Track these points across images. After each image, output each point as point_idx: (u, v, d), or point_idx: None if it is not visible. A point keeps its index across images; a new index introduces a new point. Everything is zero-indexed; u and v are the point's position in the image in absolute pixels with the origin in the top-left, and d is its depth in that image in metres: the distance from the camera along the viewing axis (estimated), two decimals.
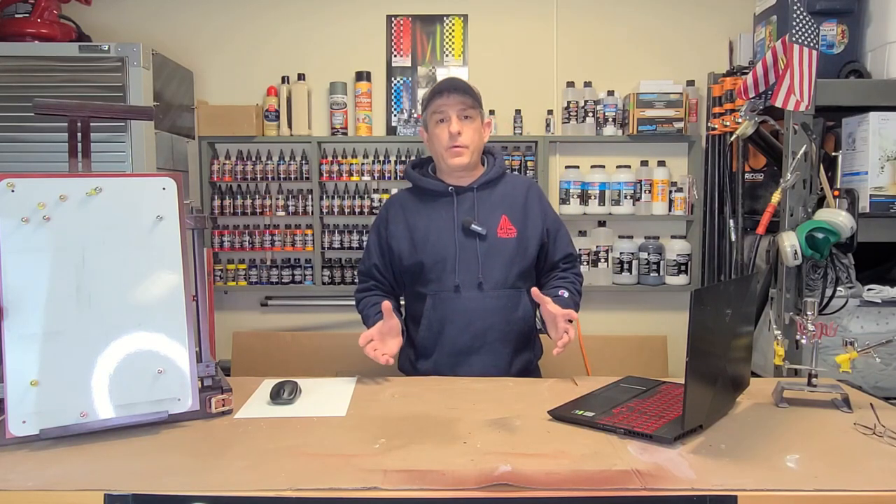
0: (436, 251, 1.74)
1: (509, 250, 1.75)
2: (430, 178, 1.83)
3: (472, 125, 1.74)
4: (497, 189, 1.81)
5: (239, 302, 3.33)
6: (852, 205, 1.89)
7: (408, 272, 1.79)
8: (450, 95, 1.73)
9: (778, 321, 1.98)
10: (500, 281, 1.73)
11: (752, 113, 2.02)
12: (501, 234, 1.75)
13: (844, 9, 2.16)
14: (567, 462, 1.06)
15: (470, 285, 1.72)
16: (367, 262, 1.86)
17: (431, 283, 1.75)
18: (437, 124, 1.75)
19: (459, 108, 1.73)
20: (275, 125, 3.16)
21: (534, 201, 1.81)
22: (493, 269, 1.73)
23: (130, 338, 1.24)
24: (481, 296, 1.72)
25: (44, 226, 1.20)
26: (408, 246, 1.77)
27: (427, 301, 1.75)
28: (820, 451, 1.12)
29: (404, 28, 3.26)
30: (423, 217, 1.79)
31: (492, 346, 1.73)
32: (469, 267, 1.72)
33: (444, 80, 1.77)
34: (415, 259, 1.76)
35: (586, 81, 3.20)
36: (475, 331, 1.72)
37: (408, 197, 1.85)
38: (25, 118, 2.50)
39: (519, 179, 1.89)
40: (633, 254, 3.15)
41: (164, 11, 3.23)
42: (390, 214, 1.83)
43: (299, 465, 1.05)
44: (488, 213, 1.76)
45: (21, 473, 1.03)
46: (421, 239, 1.76)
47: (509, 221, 1.76)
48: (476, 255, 1.73)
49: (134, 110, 2.07)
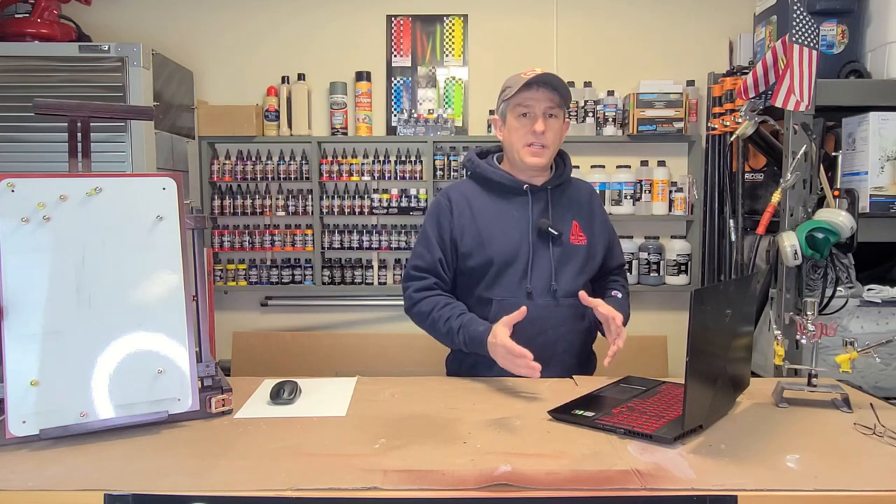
0: (507, 252, 1.62)
1: (580, 257, 1.66)
2: (502, 171, 1.70)
3: (555, 124, 1.63)
4: (567, 193, 1.72)
5: (239, 302, 3.33)
6: (852, 205, 1.89)
7: (471, 273, 1.66)
8: (539, 90, 1.60)
9: (778, 321, 1.98)
10: (572, 289, 1.62)
11: (752, 113, 2.02)
12: (574, 240, 1.67)
13: (844, 9, 2.16)
14: (567, 462, 1.06)
15: (543, 292, 1.62)
16: (427, 257, 1.66)
17: (499, 287, 1.62)
18: (520, 118, 1.62)
19: (547, 105, 1.61)
20: (275, 125, 3.16)
21: (598, 208, 1.75)
22: (565, 275, 1.64)
23: (130, 338, 1.23)
24: (555, 304, 1.62)
25: (44, 226, 1.20)
26: (475, 243, 1.64)
27: (493, 306, 1.61)
28: (820, 451, 1.11)
29: (404, 28, 3.26)
30: (492, 213, 1.66)
31: (560, 357, 1.63)
32: (542, 272, 1.62)
33: (534, 73, 1.60)
34: (482, 258, 1.63)
35: (586, 81, 3.20)
36: (546, 340, 1.60)
37: (473, 189, 1.70)
38: (25, 118, 2.50)
39: (582, 184, 1.80)
40: (633, 254, 3.16)
41: (164, 11, 3.23)
42: (454, 205, 1.67)
43: (299, 465, 1.05)
44: (561, 216, 1.67)
45: (21, 473, 1.03)
46: (490, 237, 1.63)
47: (580, 228, 1.69)
48: (550, 259, 1.63)
49: (134, 110, 2.07)
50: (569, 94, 1.65)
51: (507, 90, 1.65)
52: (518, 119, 1.63)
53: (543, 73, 1.60)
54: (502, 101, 1.68)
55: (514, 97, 1.61)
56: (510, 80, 1.66)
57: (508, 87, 1.65)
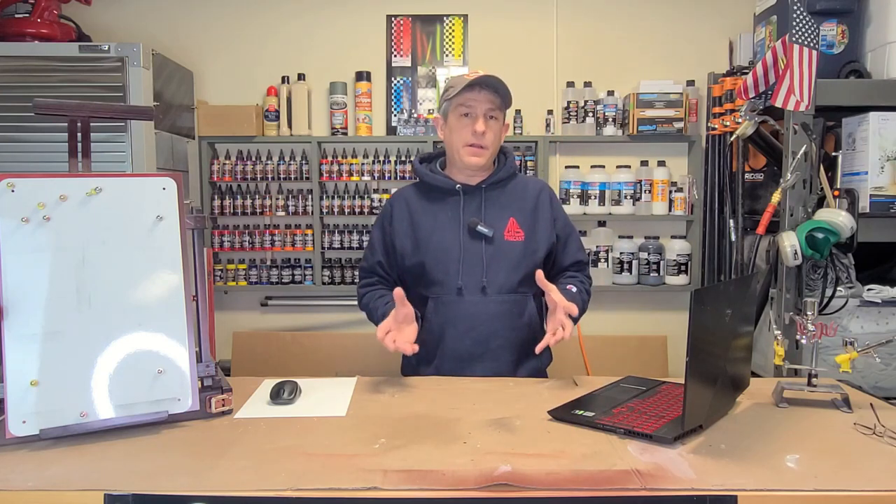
0: (439, 251, 1.69)
1: (515, 254, 1.69)
2: (438, 174, 1.76)
3: (495, 126, 1.68)
4: (507, 190, 1.75)
5: (239, 302, 3.33)
6: (852, 205, 1.89)
7: (409, 272, 1.73)
8: (481, 91, 1.64)
9: (778, 321, 1.98)
10: (505, 285, 1.68)
11: (752, 113, 2.02)
12: (508, 236, 1.69)
13: (844, 9, 2.16)
14: (567, 462, 1.06)
15: (473, 289, 1.67)
16: (370, 259, 1.79)
17: (433, 286, 1.69)
18: (461, 118, 1.67)
19: (488, 107, 1.65)
20: (275, 125, 3.16)
21: (545, 204, 1.75)
22: (497, 272, 1.68)
23: (130, 338, 1.23)
24: (485, 300, 1.67)
25: (44, 226, 1.20)
26: (410, 244, 1.72)
27: (429, 304, 1.69)
28: (820, 451, 1.11)
29: (404, 28, 3.26)
30: (428, 215, 1.72)
31: (495, 352, 1.68)
32: (473, 270, 1.67)
33: (477, 74, 1.65)
34: (417, 259, 1.70)
35: (586, 81, 3.20)
36: (477, 336, 1.67)
37: (413, 193, 1.78)
38: (25, 118, 2.50)
39: (531, 181, 1.82)
40: (633, 254, 3.16)
41: (164, 11, 3.23)
42: (395, 210, 1.76)
43: (299, 465, 1.05)
44: (496, 214, 1.71)
45: (21, 473, 1.03)
46: (424, 238, 1.70)
47: (517, 224, 1.71)
48: (481, 257, 1.67)
49: (134, 110, 2.07)
50: (509, 98, 1.70)
51: (449, 90, 1.69)
52: (459, 119, 1.67)
53: (486, 75, 1.65)
54: (444, 101, 1.72)
55: (455, 97, 1.66)
56: (453, 81, 1.71)
57: (451, 87, 1.69)
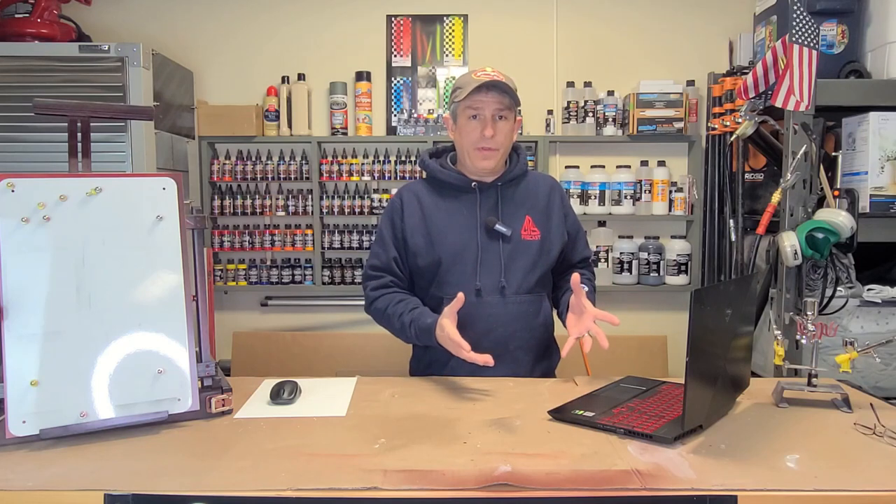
0: (456, 251, 1.63)
1: (532, 253, 1.66)
2: (451, 170, 1.71)
3: (505, 126, 1.64)
4: (520, 188, 1.71)
5: (239, 302, 3.33)
6: (852, 205, 1.88)
7: (422, 271, 1.67)
8: (489, 93, 1.61)
9: (778, 321, 1.98)
10: (523, 286, 1.64)
11: (752, 113, 2.02)
12: (525, 236, 1.66)
13: (844, 9, 2.16)
14: (567, 462, 1.06)
15: (492, 289, 1.63)
16: (383, 256, 1.69)
17: (448, 286, 1.62)
18: (470, 120, 1.63)
19: (496, 108, 1.61)
20: (275, 125, 3.16)
21: (556, 202, 1.73)
22: (515, 272, 1.64)
23: (130, 338, 1.23)
24: (503, 301, 1.63)
25: (44, 226, 1.20)
26: (424, 242, 1.65)
27: (443, 304, 1.59)
28: (820, 451, 1.11)
29: (404, 28, 3.26)
30: (442, 212, 1.67)
31: (513, 354, 1.64)
32: (491, 270, 1.63)
33: (485, 73, 1.62)
34: (432, 258, 1.64)
35: (586, 81, 3.20)
36: (497, 338, 1.61)
37: (424, 188, 1.72)
38: (25, 118, 2.50)
39: (541, 178, 1.78)
40: (633, 254, 3.16)
41: (164, 11, 3.23)
42: (405, 205, 1.69)
43: (299, 465, 1.05)
44: (512, 213, 1.67)
45: (21, 473, 1.03)
46: (439, 236, 1.64)
47: (533, 223, 1.68)
48: (499, 257, 1.64)
49: (134, 110, 2.07)
50: (516, 95, 1.66)
51: (457, 91, 1.66)
52: (468, 121, 1.64)
53: (493, 80, 1.60)
54: (453, 102, 1.68)
55: (464, 99, 1.62)
56: (461, 81, 1.67)
57: (459, 88, 1.66)
